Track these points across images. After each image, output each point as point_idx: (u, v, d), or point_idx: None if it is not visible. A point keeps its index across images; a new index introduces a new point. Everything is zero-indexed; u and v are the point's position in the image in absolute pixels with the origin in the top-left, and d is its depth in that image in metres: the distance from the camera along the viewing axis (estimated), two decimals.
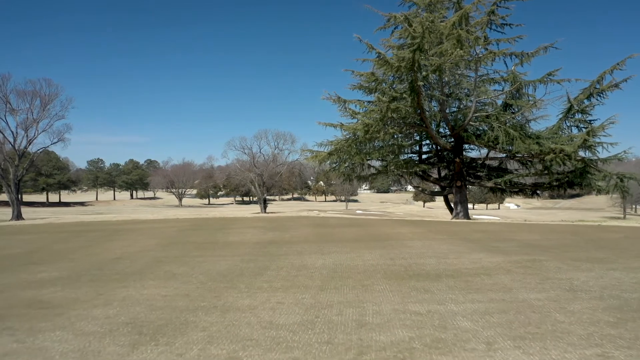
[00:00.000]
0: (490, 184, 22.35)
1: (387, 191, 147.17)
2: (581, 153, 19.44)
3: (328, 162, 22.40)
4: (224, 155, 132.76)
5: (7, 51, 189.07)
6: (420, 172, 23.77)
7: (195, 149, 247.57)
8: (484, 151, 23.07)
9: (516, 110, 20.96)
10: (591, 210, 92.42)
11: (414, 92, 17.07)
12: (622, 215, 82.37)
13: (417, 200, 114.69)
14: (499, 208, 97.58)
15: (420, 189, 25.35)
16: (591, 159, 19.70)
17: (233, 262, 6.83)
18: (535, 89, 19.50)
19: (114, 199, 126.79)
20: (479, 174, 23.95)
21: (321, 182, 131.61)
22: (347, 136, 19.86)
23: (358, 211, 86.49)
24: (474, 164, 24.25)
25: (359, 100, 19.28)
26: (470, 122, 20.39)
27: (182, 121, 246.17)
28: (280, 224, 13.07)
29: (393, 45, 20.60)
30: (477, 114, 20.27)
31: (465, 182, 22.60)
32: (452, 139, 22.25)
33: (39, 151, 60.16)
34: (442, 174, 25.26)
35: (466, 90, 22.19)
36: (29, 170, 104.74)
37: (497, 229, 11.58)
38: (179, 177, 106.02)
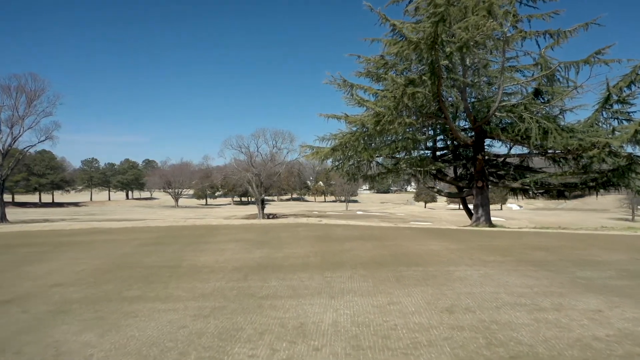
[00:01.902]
0: (516, 184, 19.52)
1: (387, 191, 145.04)
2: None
3: (331, 159, 19.60)
4: (220, 155, 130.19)
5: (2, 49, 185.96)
6: (434, 171, 21.00)
7: (195, 149, 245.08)
8: (495, 147, 20.34)
9: (549, 98, 18.17)
10: (596, 211, 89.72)
11: (434, 74, 14.27)
12: (631, 217, 79.78)
13: (418, 201, 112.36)
14: (501, 209, 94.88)
15: (436, 190, 22.57)
16: (638, 156, 16.97)
17: (182, 317, 4.03)
18: (577, 72, 16.62)
19: (109, 199, 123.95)
20: (501, 173, 21.15)
21: (320, 182, 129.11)
22: (354, 129, 17.09)
23: (358, 212, 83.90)
24: (494, 162, 21.46)
25: (368, 86, 16.32)
26: (496, 113, 17.59)
27: (182, 121, 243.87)
28: (274, 235, 10.25)
29: (407, 25, 17.78)
30: (503, 104, 17.49)
31: (487, 183, 19.80)
32: (473, 133, 19.46)
33: (25, 150, 57.46)
34: (457, 173, 22.48)
35: (486, 79, 19.42)
36: (21, 170, 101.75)
37: (556, 244, 8.78)
38: (176, 177, 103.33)
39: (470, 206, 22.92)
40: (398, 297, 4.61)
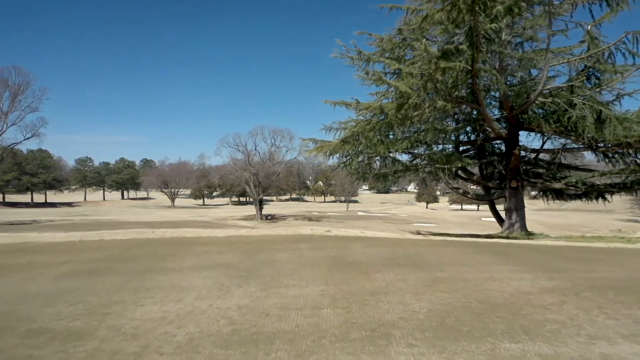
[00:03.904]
0: (559, 184, 16.46)
1: (387, 192, 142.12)
2: None
3: (337, 155, 16.50)
4: (216, 153, 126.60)
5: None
6: (458, 170, 17.95)
7: (194, 149, 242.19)
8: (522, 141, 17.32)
9: (597, 82, 15.12)
10: (602, 212, 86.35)
11: (473, 45, 11.23)
12: None
13: (419, 202, 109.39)
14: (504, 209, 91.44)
15: (461, 191, 19.47)
16: None
17: None
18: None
19: (104, 199, 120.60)
20: (538, 171, 18.09)
21: (320, 182, 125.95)
22: (367, 116, 14.01)
23: (359, 212, 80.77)
24: (528, 159, 18.41)
25: (389, 60, 12.98)
26: (539, 98, 14.54)
27: (182, 120, 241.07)
28: (267, 257, 7.19)
29: None
30: (547, 87, 14.45)
31: (522, 182, 16.75)
32: (507, 124, 16.43)
33: (10, 147, 54.33)
34: (484, 171, 19.40)
35: (515, 62, 16.37)
36: (12, 169, 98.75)
37: None
38: (173, 177, 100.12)
39: (499, 208, 19.88)
40: None
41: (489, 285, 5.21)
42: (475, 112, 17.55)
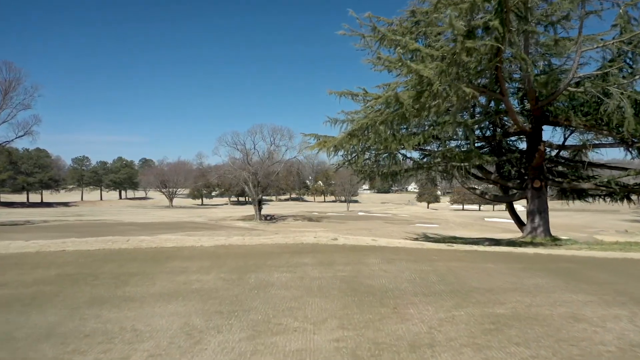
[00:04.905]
0: (587, 184, 14.86)
1: (387, 191, 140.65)
2: None
3: (342, 152, 14.87)
4: (214, 152, 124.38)
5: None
6: (474, 168, 16.34)
7: (194, 148, 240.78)
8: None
9: (637, 68, 13.51)
10: (605, 212, 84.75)
11: (502, 23, 9.63)
12: None
13: (420, 201, 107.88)
14: (505, 210, 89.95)
15: (478, 191, 17.84)
16: None
17: None
18: None
19: (101, 199, 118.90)
20: (562, 170, 16.48)
21: (320, 181, 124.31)
22: (377, 107, 12.38)
23: (360, 213, 79.17)
24: (551, 156, 16.80)
25: (408, 39, 11.17)
26: (569, 87, 12.94)
27: (182, 120, 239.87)
28: (260, 278, 5.58)
29: None
30: (579, 76, 12.86)
31: (546, 182, 15.15)
32: (531, 117, 14.83)
33: (1, 145, 52.70)
34: (501, 170, 17.78)
35: (539, 49, 14.77)
36: (7, 168, 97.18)
37: None
38: (171, 176, 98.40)
39: (517, 210, 18.32)
40: None
41: (578, 330, 3.60)
42: (492, 104, 15.98)
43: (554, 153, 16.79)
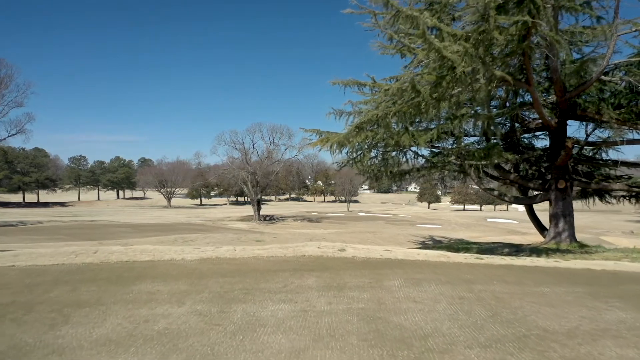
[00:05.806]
0: (619, 185, 13.44)
1: (387, 191, 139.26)
2: None
3: (346, 149, 13.39)
4: (213, 152, 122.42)
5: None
6: (492, 167, 14.93)
7: (193, 148, 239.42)
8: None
9: None
10: (608, 212, 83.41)
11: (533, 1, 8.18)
12: None
13: (421, 201, 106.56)
14: (507, 210, 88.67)
15: (496, 193, 16.42)
16: None
17: None
18: None
19: (98, 199, 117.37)
20: (586, 169, 15.04)
21: (320, 181, 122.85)
22: (387, 99, 10.95)
23: (360, 213, 77.75)
24: (578, 155, 15.37)
25: (425, 15, 9.62)
26: (601, 77, 11.52)
27: (181, 120, 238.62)
28: (248, 313, 4.14)
29: None
30: (613, 64, 11.44)
31: (572, 183, 13.74)
32: (556, 110, 13.41)
33: None
34: (519, 169, 16.36)
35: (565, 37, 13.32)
36: (2, 167, 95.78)
37: None
38: (170, 176, 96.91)
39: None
40: None
41: None
42: (510, 97, 14.58)
43: (574, 151, 15.41)
